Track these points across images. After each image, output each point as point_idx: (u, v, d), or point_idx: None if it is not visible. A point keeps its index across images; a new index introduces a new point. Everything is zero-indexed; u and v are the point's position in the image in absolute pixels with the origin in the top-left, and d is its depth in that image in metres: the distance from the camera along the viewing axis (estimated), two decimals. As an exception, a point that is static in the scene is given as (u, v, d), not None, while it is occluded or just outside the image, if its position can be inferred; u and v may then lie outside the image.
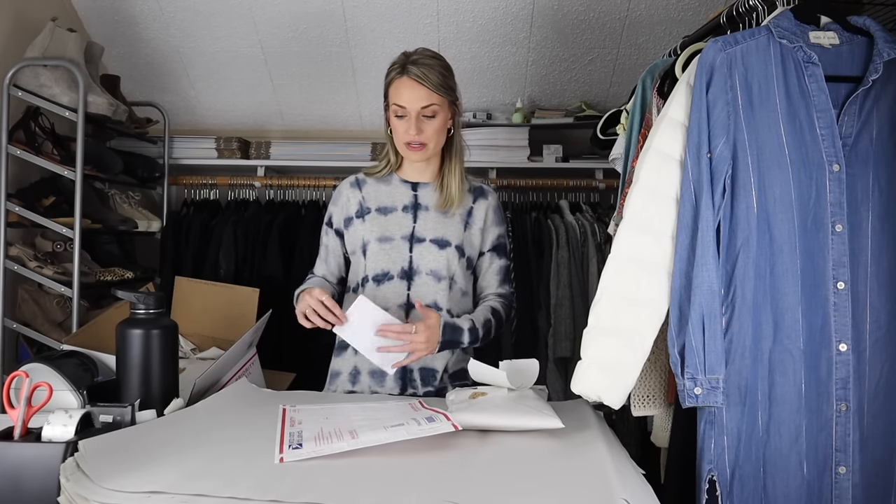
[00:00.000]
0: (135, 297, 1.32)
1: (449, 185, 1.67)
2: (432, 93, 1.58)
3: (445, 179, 1.68)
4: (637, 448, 2.10)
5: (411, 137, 1.59)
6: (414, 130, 1.58)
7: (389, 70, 1.63)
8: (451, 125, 1.66)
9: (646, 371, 1.51)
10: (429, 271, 1.63)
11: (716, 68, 1.34)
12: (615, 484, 0.97)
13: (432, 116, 1.59)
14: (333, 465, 1.03)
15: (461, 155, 1.70)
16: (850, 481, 1.28)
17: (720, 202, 1.32)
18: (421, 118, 1.59)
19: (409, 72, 1.58)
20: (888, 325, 1.30)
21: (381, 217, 1.67)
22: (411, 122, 1.59)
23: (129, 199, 2.91)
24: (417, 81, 1.57)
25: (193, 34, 2.92)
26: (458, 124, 1.69)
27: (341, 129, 3.24)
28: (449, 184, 1.67)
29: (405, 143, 1.61)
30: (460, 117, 1.70)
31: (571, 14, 2.78)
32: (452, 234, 1.66)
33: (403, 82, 1.59)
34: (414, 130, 1.58)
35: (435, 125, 1.60)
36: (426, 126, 1.59)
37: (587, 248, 2.67)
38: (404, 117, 1.60)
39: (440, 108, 1.60)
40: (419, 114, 1.58)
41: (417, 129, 1.58)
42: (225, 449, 1.09)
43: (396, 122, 1.62)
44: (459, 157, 1.69)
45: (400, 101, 1.59)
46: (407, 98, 1.58)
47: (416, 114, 1.58)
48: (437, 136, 1.62)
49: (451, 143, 1.68)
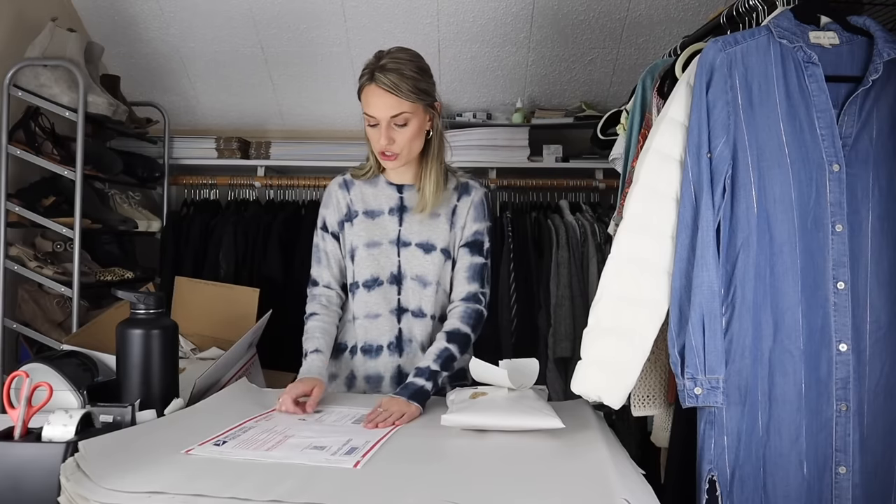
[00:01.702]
0: (135, 297, 1.32)
1: (424, 188, 1.60)
2: (402, 101, 1.49)
3: (422, 182, 1.61)
4: (637, 448, 2.09)
5: (383, 147, 1.53)
6: (385, 140, 1.51)
7: (361, 74, 1.55)
8: (429, 127, 1.58)
9: (646, 371, 1.51)
10: (414, 276, 1.60)
11: (716, 68, 1.34)
12: (615, 484, 0.97)
13: (404, 125, 1.51)
14: (334, 465, 1.03)
15: (440, 156, 1.61)
16: (850, 481, 1.28)
17: (720, 202, 1.32)
18: (392, 127, 1.51)
19: (377, 79, 1.49)
20: (888, 325, 1.30)
21: (369, 221, 1.63)
22: (382, 132, 1.51)
23: (129, 199, 2.91)
24: (385, 90, 1.48)
25: (193, 34, 2.92)
26: (437, 126, 1.59)
27: (341, 129, 3.24)
28: (424, 188, 1.60)
29: (379, 152, 1.56)
30: (439, 118, 1.61)
31: (571, 14, 2.78)
32: (438, 237, 1.61)
33: (372, 90, 1.50)
34: (385, 140, 1.51)
35: (407, 133, 1.52)
36: (397, 135, 1.51)
37: (587, 248, 2.67)
38: (376, 126, 1.52)
39: (412, 114, 1.51)
40: (389, 122, 1.50)
41: (388, 138, 1.51)
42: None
43: (370, 131, 1.55)
44: (436, 159, 1.60)
45: (369, 111, 1.51)
46: (375, 107, 1.50)
47: (386, 123, 1.50)
48: (411, 144, 1.54)
49: (429, 147, 1.60)
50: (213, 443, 1.11)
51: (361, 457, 1.07)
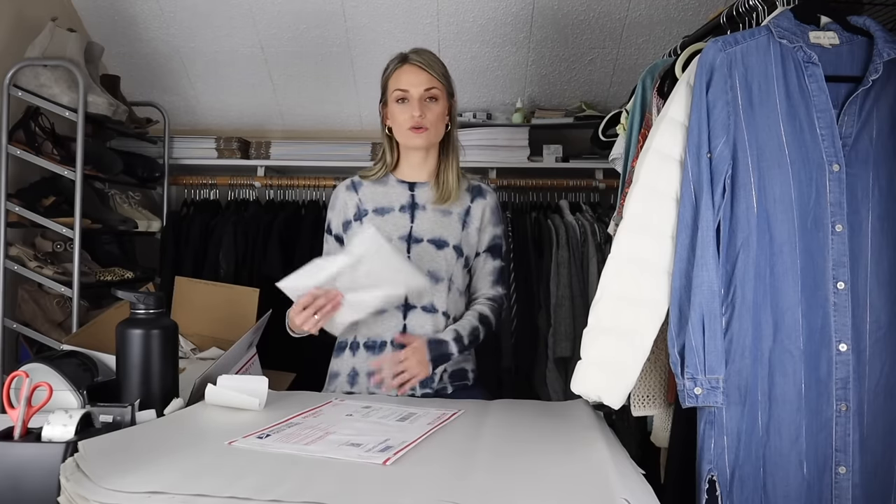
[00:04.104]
0: (135, 297, 1.32)
1: (446, 180, 1.67)
2: (434, 77, 1.62)
3: (442, 175, 1.68)
4: (637, 448, 2.09)
5: (414, 121, 1.60)
6: (417, 112, 1.60)
7: (388, 64, 1.67)
8: (448, 120, 1.68)
9: (646, 371, 1.51)
10: (426, 272, 1.62)
11: (716, 68, 1.34)
12: (615, 484, 0.97)
13: (434, 100, 1.62)
14: (335, 466, 1.03)
15: (457, 152, 1.71)
16: (850, 481, 1.28)
17: (720, 202, 1.32)
18: (424, 101, 1.61)
19: (411, 59, 1.62)
20: (888, 325, 1.30)
21: (379, 218, 1.66)
22: (414, 105, 1.60)
23: (129, 199, 2.91)
24: (420, 67, 1.61)
25: (193, 34, 2.92)
26: (454, 121, 1.71)
27: (341, 129, 3.24)
28: (446, 179, 1.67)
29: (408, 128, 1.62)
30: (455, 116, 1.72)
31: (571, 14, 2.78)
32: (450, 234, 1.65)
33: (405, 69, 1.62)
34: (417, 112, 1.60)
35: (436, 110, 1.63)
36: (428, 110, 1.61)
37: (587, 248, 2.67)
38: (406, 101, 1.62)
39: (441, 94, 1.63)
40: (422, 96, 1.61)
41: (421, 111, 1.60)
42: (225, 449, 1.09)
43: (397, 109, 1.63)
44: (455, 152, 1.70)
45: (401, 86, 1.61)
46: (409, 82, 1.61)
47: (418, 96, 1.60)
48: (438, 123, 1.64)
49: (448, 140, 1.69)
50: (257, 436, 1.13)
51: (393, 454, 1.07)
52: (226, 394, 1.32)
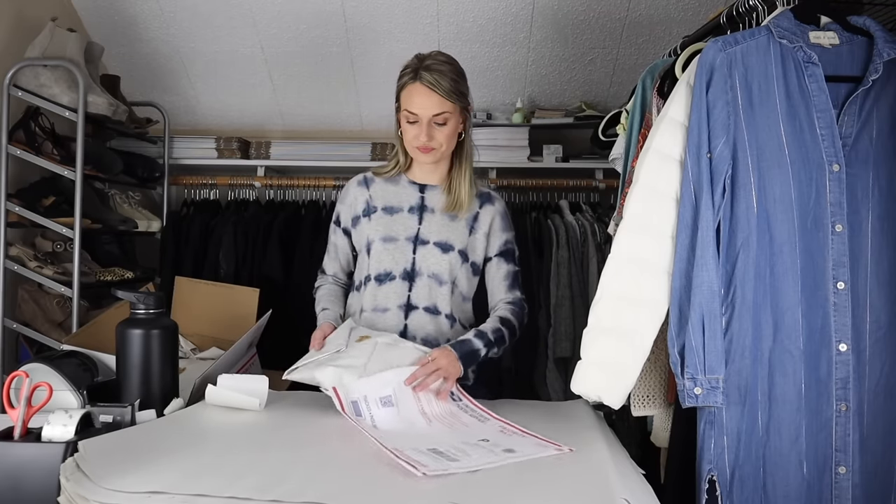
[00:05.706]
0: (135, 297, 1.32)
1: (459, 188, 1.66)
2: (444, 100, 1.57)
3: (454, 183, 1.67)
4: (637, 448, 2.09)
5: (422, 143, 1.59)
6: (425, 137, 1.58)
7: (402, 73, 1.62)
8: (461, 129, 1.65)
9: (646, 371, 1.51)
10: (430, 274, 1.63)
11: (716, 68, 1.34)
12: (615, 484, 0.97)
13: (443, 124, 1.59)
14: (335, 466, 1.03)
15: (471, 159, 1.70)
16: (850, 481, 1.28)
17: (720, 202, 1.32)
18: (432, 125, 1.59)
19: (422, 78, 1.56)
20: (888, 325, 1.30)
21: (387, 217, 1.67)
22: (422, 129, 1.58)
23: (129, 199, 2.91)
24: (430, 88, 1.56)
25: (193, 34, 2.92)
26: (468, 129, 1.68)
27: (341, 129, 3.24)
28: (459, 187, 1.66)
29: (416, 147, 1.61)
30: (471, 121, 1.69)
31: (571, 14, 2.78)
32: (456, 239, 1.65)
33: (416, 89, 1.58)
34: (425, 137, 1.58)
35: (446, 131, 1.60)
36: (437, 133, 1.59)
37: (587, 248, 2.67)
38: (416, 123, 1.60)
39: (451, 114, 1.60)
40: (430, 121, 1.58)
41: (428, 135, 1.58)
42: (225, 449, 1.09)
43: (408, 127, 1.61)
44: (469, 161, 1.69)
45: (412, 108, 1.58)
46: (419, 105, 1.57)
47: (427, 121, 1.58)
48: (448, 142, 1.62)
49: (462, 148, 1.68)
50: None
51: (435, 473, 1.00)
52: (226, 394, 1.32)
